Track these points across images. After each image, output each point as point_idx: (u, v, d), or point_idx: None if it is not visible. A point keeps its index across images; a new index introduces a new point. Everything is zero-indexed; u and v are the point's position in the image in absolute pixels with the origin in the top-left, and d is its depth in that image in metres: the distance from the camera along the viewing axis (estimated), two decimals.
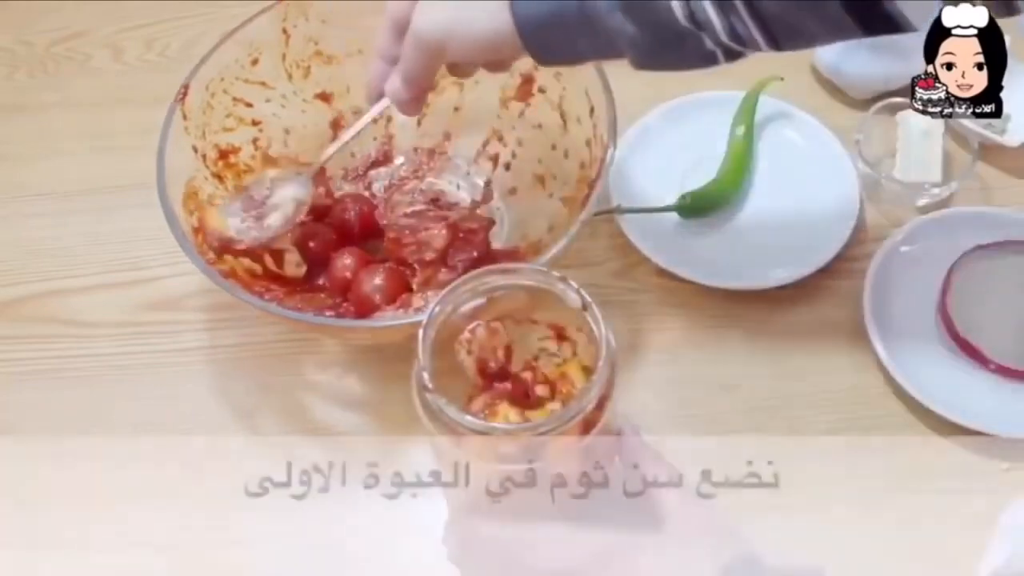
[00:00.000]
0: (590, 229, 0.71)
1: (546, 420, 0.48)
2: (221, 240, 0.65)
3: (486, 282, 0.52)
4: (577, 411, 0.48)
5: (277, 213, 0.67)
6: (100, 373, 0.71)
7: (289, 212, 0.67)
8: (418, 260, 0.67)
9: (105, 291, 0.76)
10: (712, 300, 0.71)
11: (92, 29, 0.94)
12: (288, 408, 0.68)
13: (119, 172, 0.81)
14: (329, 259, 0.70)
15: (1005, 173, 0.77)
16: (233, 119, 0.72)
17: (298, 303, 0.67)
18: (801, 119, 0.80)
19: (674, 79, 0.81)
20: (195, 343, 0.72)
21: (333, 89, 0.77)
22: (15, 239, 0.80)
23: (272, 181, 0.68)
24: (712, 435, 0.64)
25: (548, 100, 0.73)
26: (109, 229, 0.79)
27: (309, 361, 0.71)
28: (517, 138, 0.76)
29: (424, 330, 0.50)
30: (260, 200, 0.67)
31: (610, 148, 0.64)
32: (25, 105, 0.89)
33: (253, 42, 0.72)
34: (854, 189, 0.74)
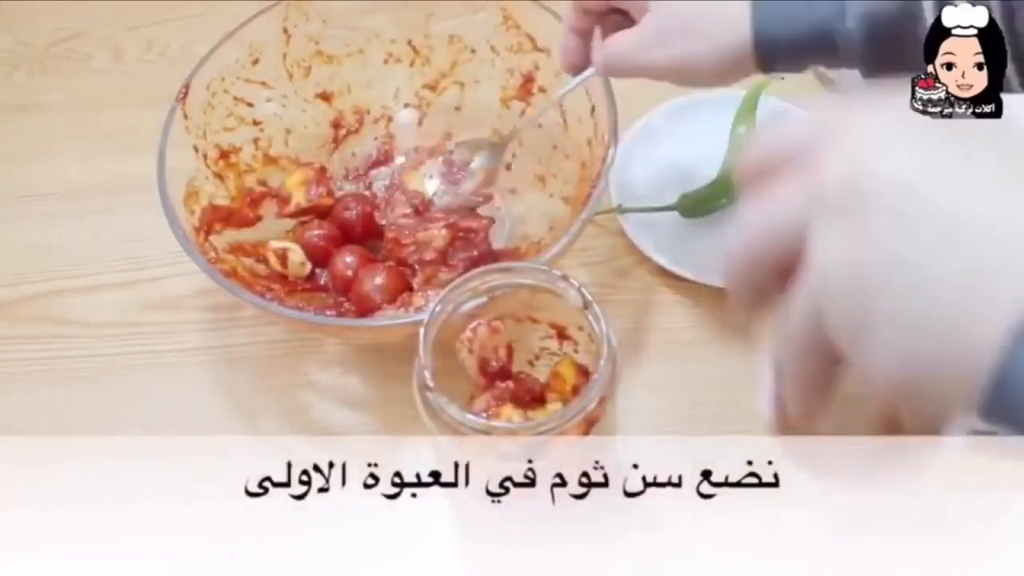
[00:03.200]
0: (591, 229, 0.71)
1: (547, 419, 0.48)
2: (423, 201, 0.69)
3: (487, 281, 0.52)
4: (578, 410, 0.48)
5: (471, 180, 0.69)
6: (100, 373, 0.71)
7: (479, 179, 0.69)
8: (418, 260, 0.68)
9: (105, 291, 0.76)
10: (712, 300, 0.71)
11: (92, 29, 0.94)
12: (288, 408, 0.68)
13: (119, 172, 0.81)
14: (330, 259, 0.70)
15: None
16: (234, 119, 0.72)
17: (299, 302, 0.67)
18: (802, 119, 0.79)
19: None
20: (195, 343, 0.72)
21: (334, 89, 0.77)
22: (15, 239, 0.80)
23: (472, 149, 0.71)
24: (712, 435, 0.64)
25: (549, 100, 0.73)
26: (109, 229, 0.79)
27: (310, 361, 0.71)
28: (518, 138, 0.76)
29: (425, 329, 0.50)
30: (460, 165, 0.70)
31: (611, 148, 0.64)
32: (25, 105, 0.89)
33: (253, 42, 0.72)
34: None
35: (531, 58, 0.73)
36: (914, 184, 0.29)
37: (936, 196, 0.29)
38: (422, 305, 0.65)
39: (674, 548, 0.60)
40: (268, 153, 0.74)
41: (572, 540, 0.60)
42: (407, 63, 0.77)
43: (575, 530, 0.60)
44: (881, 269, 0.29)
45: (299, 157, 0.75)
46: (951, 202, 0.28)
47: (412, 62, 0.78)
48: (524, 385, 0.58)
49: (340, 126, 0.77)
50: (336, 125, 0.77)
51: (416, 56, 0.77)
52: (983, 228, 0.28)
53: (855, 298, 0.29)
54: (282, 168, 0.74)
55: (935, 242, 0.28)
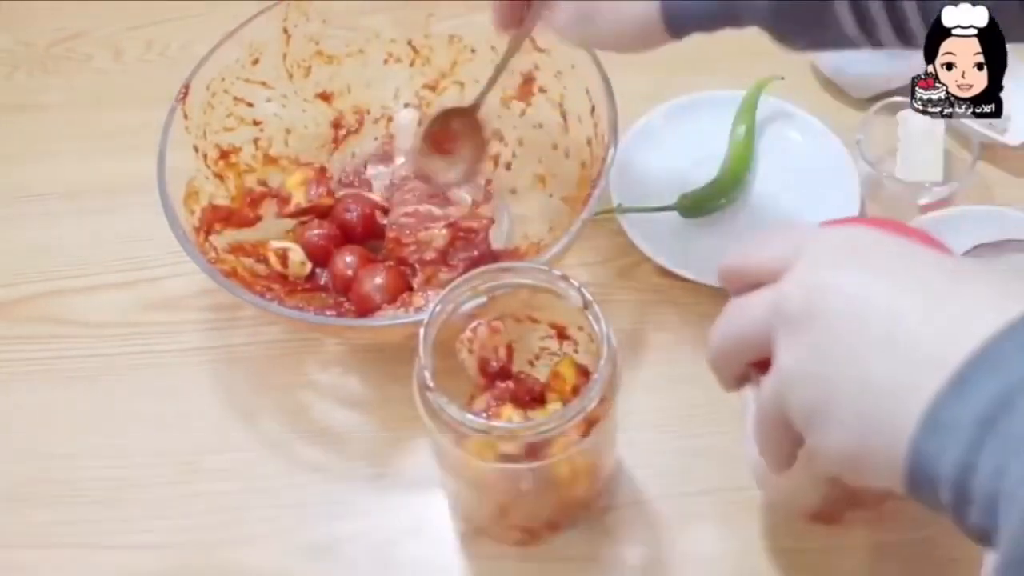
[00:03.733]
0: (591, 229, 0.71)
1: (547, 419, 0.48)
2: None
3: (487, 281, 0.52)
4: (578, 410, 0.48)
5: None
6: (100, 373, 0.71)
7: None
8: (419, 259, 0.68)
9: (105, 291, 0.76)
10: (713, 300, 0.71)
11: (92, 29, 0.94)
12: (288, 408, 0.68)
13: (119, 172, 0.81)
14: (330, 259, 0.70)
15: (1006, 172, 0.77)
16: (234, 119, 0.72)
17: (299, 303, 0.67)
18: (802, 119, 0.80)
19: (675, 79, 0.81)
20: (195, 343, 0.72)
21: (334, 89, 0.77)
22: (15, 239, 0.79)
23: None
24: (712, 435, 0.64)
25: (549, 99, 0.73)
26: (109, 229, 0.79)
27: (310, 361, 0.71)
28: (518, 138, 0.76)
29: (425, 329, 0.50)
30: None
31: (611, 148, 0.64)
32: (25, 105, 0.89)
33: (253, 42, 0.72)
34: (855, 188, 0.74)
35: (531, 58, 0.73)
36: (857, 299, 0.36)
37: (873, 311, 0.36)
38: (422, 305, 0.65)
39: (674, 548, 0.60)
40: (268, 153, 0.74)
41: (572, 540, 0.60)
42: (407, 63, 0.77)
43: (575, 530, 0.60)
44: (827, 372, 0.36)
45: (299, 157, 0.75)
46: (886, 316, 0.35)
47: (412, 62, 0.77)
48: (524, 385, 0.58)
49: (340, 126, 0.77)
50: (336, 125, 0.77)
51: (416, 56, 0.77)
52: (910, 337, 0.34)
53: (808, 392, 0.37)
54: (282, 168, 0.74)
55: (870, 350, 0.35)
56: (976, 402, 0.32)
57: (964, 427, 0.32)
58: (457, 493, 0.58)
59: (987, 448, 0.31)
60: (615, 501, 0.62)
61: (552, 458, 0.50)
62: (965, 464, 0.32)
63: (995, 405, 0.31)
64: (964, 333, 0.33)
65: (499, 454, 0.50)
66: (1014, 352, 0.32)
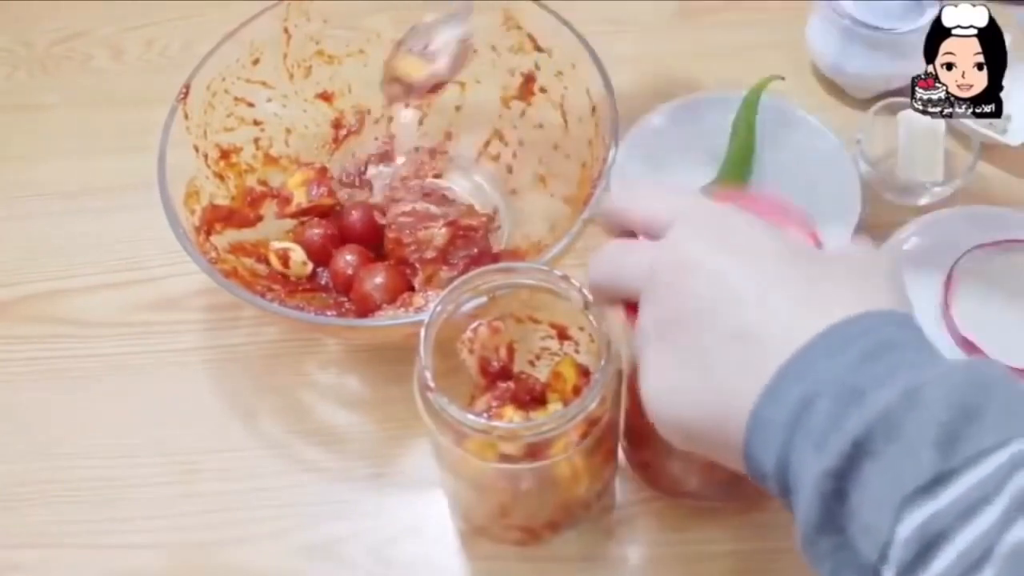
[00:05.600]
0: (591, 229, 0.71)
1: (548, 420, 0.48)
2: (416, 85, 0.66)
3: (488, 281, 0.52)
4: (579, 410, 0.48)
5: (444, 57, 0.67)
6: (100, 373, 0.71)
7: (455, 52, 0.67)
8: (419, 259, 0.67)
9: (105, 291, 0.76)
10: None
11: (92, 29, 0.94)
12: (288, 408, 0.68)
13: (119, 172, 0.81)
14: (330, 258, 0.70)
15: (1006, 172, 0.77)
16: (234, 119, 0.72)
17: (299, 303, 0.67)
18: (802, 119, 0.79)
19: (675, 79, 0.81)
20: (195, 343, 0.72)
21: (334, 89, 0.77)
22: (15, 239, 0.79)
23: (427, 28, 0.67)
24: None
25: (550, 100, 0.73)
26: (109, 229, 0.79)
27: (310, 361, 0.71)
28: (518, 138, 0.75)
29: (426, 329, 0.50)
30: (421, 49, 0.67)
31: (612, 148, 0.64)
32: (25, 105, 0.89)
33: (254, 42, 0.72)
34: (855, 188, 0.74)
35: (532, 58, 0.73)
36: (714, 287, 0.39)
37: (725, 303, 0.39)
38: (422, 305, 0.65)
39: (674, 548, 0.60)
40: (269, 153, 0.74)
41: (572, 540, 0.60)
42: None
43: (575, 530, 0.60)
44: (678, 348, 0.39)
45: (300, 157, 0.75)
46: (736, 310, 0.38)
47: None
48: (525, 385, 0.58)
49: (341, 126, 0.77)
50: (337, 125, 0.77)
51: None
52: (751, 335, 0.37)
53: (661, 359, 0.40)
54: (283, 168, 0.74)
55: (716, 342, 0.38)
56: (784, 406, 0.36)
57: (778, 427, 0.36)
58: (457, 493, 0.58)
59: (794, 445, 0.35)
60: (615, 501, 0.62)
61: (552, 458, 0.50)
62: (781, 460, 0.36)
63: (799, 407, 0.35)
64: (791, 338, 0.36)
65: (499, 454, 0.50)
66: (819, 358, 0.36)
